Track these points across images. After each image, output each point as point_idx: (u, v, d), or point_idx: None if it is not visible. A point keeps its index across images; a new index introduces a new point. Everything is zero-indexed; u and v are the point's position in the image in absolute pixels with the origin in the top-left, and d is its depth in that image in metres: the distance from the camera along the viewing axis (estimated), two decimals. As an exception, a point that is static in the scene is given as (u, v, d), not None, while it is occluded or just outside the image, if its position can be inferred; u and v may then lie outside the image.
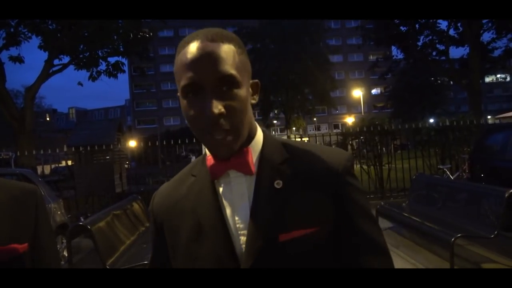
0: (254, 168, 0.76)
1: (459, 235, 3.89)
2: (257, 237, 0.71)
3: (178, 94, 0.74)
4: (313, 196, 0.74)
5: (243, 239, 0.74)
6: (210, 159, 0.78)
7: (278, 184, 0.74)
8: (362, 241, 0.74)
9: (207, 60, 0.69)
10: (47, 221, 1.05)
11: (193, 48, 0.70)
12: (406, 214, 5.19)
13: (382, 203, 6.19)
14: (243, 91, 0.72)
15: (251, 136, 0.78)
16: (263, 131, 0.82)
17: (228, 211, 0.76)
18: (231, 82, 0.70)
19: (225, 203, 0.77)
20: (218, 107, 0.68)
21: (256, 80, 0.80)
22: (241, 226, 0.74)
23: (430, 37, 17.00)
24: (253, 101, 0.79)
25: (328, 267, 0.72)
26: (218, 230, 0.75)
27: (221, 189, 0.78)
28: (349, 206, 0.75)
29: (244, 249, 0.72)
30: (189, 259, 0.77)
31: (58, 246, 5.49)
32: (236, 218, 0.75)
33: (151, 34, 13.44)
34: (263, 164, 0.77)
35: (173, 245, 0.81)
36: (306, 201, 0.73)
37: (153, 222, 0.86)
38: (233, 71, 0.70)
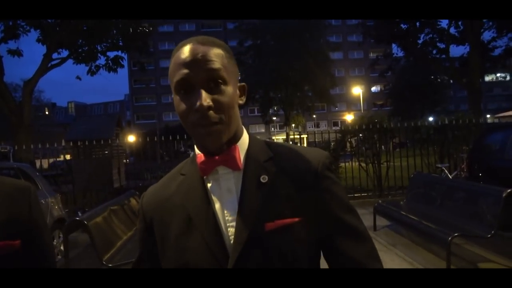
0: (241, 164, 0.82)
1: (456, 234, 3.90)
2: (245, 227, 0.77)
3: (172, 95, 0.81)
4: (296, 189, 0.80)
5: (231, 230, 0.79)
6: (200, 157, 0.83)
7: (263, 178, 0.81)
8: (342, 229, 0.80)
9: (198, 59, 0.76)
10: (41, 218, 1.04)
11: (185, 50, 0.78)
12: (403, 213, 5.20)
13: (380, 201, 6.19)
14: (230, 89, 0.79)
15: (238, 136, 0.84)
16: (248, 133, 0.89)
17: (217, 205, 0.81)
18: (218, 79, 0.77)
19: (214, 198, 0.82)
20: (206, 100, 0.75)
21: (243, 84, 0.87)
22: (230, 218, 0.79)
23: (431, 35, 16.97)
24: (241, 102, 0.85)
25: (308, 254, 0.79)
26: (207, 223, 0.79)
27: (209, 185, 0.83)
28: (327, 198, 0.81)
29: (232, 240, 0.77)
30: (179, 252, 0.80)
31: (55, 240, 5.49)
32: (225, 211, 0.80)
33: (151, 29, 13.39)
34: (250, 161, 0.83)
35: (162, 240, 0.84)
36: (289, 194, 0.80)
37: (142, 220, 0.89)
38: (220, 70, 0.77)
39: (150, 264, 0.87)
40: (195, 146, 0.85)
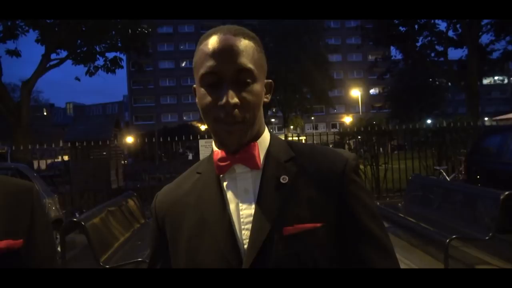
0: (260, 163, 0.77)
1: (454, 236, 3.90)
2: (261, 229, 0.72)
3: (194, 86, 0.77)
4: (318, 193, 0.74)
5: (246, 233, 0.73)
6: (217, 154, 0.78)
7: (284, 179, 0.75)
8: (367, 240, 0.74)
9: (228, 51, 0.71)
10: (43, 218, 1.05)
11: (215, 39, 0.73)
12: (401, 215, 5.20)
13: (378, 204, 6.20)
14: (259, 87, 0.75)
15: (259, 133, 0.79)
16: (269, 131, 0.83)
17: (232, 206, 0.76)
18: (248, 75, 0.72)
19: (229, 198, 0.77)
20: (234, 98, 0.70)
21: (270, 80, 0.82)
22: (245, 220, 0.74)
23: (429, 38, 17.01)
24: (266, 100, 0.80)
25: (330, 264, 0.72)
26: (221, 224, 0.75)
27: (225, 184, 0.79)
28: (354, 204, 0.75)
29: (247, 243, 0.72)
30: (190, 254, 0.76)
31: (52, 241, 5.46)
32: (241, 213, 0.75)
33: (150, 30, 13.37)
34: (270, 160, 0.78)
35: (174, 240, 0.80)
36: (311, 196, 0.74)
37: (154, 219, 0.85)
38: (251, 65, 0.73)
39: (162, 265, 0.83)
40: (212, 143, 0.81)
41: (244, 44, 0.73)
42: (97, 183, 8.39)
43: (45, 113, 52.05)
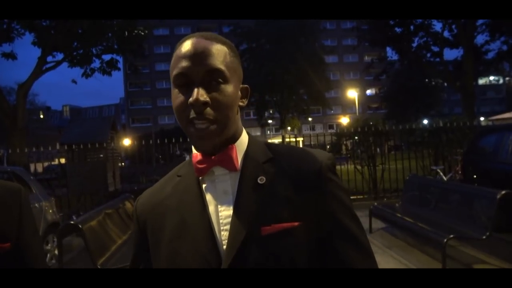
0: (238, 165, 0.78)
1: (451, 236, 3.92)
2: (240, 230, 0.73)
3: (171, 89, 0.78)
4: (296, 192, 0.75)
5: (225, 234, 0.74)
6: (196, 156, 0.79)
7: (261, 180, 0.76)
8: (344, 238, 0.75)
9: (199, 53, 0.74)
10: (31, 221, 1.03)
11: (188, 43, 0.75)
12: (399, 215, 5.21)
13: (375, 204, 6.21)
14: (231, 88, 0.76)
15: (236, 135, 0.80)
16: (248, 133, 0.85)
17: (211, 207, 0.77)
18: (219, 76, 0.74)
19: (209, 200, 0.78)
20: (203, 96, 0.72)
21: (246, 85, 0.84)
22: (224, 221, 0.75)
23: (425, 38, 17.09)
24: (242, 104, 0.81)
25: (309, 262, 0.73)
26: (201, 226, 0.76)
27: (205, 186, 0.80)
28: (331, 203, 0.76)
29: (226, 244, 0.73)
30: (171, 256, 0.77)
31: (49, 245, 5.44)
32: (220, 214, 0.76)
33: (146, 32, 13.35)
34: (248, 162, 0.79)
35: (155, 243, 0.81)
36: (289, 196, 0.75)
37: (136, 222, 0.87)
38: (222, 67, 0.74)
39: (143, 266, 0.84)
40: (192, 146, 0.82)
41: (216, 47, 0.75)
42: (94, 185, 8.36)
43: (41, 116, 51.85)
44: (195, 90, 0.72)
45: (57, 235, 4.76)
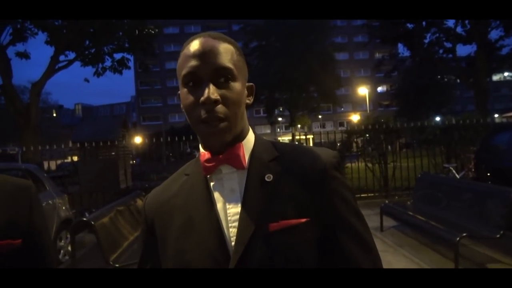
0: (245, 163, 0.79)
1: (463, 234, 3.86)
2: (247, 226, 0.74)
3: (179, 92, 0.79)
4: (302, 190, 0.77)
5: (233, 231, 0.76)
6: (203, 155, 0.81)
7: (268, 177, 0.78)
8: (348, 232, 0.77)
9: (207, 52, 0.75)
10: (41, 217, 1.03)
11: (196, 43, 0.77)
12: (410, 213, 5.16)
13: (387, 202, 6.16)
14: (239, 86, 0.77)
15: (243, 134, 0.82)
16: (254, 133, 0.86)
17: (219, 205, 0.79)
18: (227, 74, 0.75)
19: (216, 197, 0.80)
20: (214, 94, 0.73)
21: (251, 84, 0.85)
22: (232, 218, 0.77)
23: (437, 34, 16.86)
24: (248, 102, 0.83)
25: (314, 258, 0.75)
26: (208, 223, 0.77)
27: (212, 184, 0.81)
28: (335, 200, 0.78)
29: (234, 240, 0.75)
30: (179, 253, 0.78)
31: (62, 241, 5.52)
32: (228, 211, 0.77)
33: (156, 30, 13.44)
34: (254, 160, 0.81)
35: (163, 241, 0.82)
36: (295, 193, 0.76)
37: (144, 221, 0.88)
38: (230, 64, 0.76)
39: (151, 266, 0.85)
40: (200, 145, 0.83)
41: (223, 46, 0.77)
42: (106, 183, 8.45)
43: (54, 114, 52.58)
44: (206, 88, 0.73)
45: (70, 232, 4.83)
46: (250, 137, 0.83)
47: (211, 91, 0.73)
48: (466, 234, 3.92)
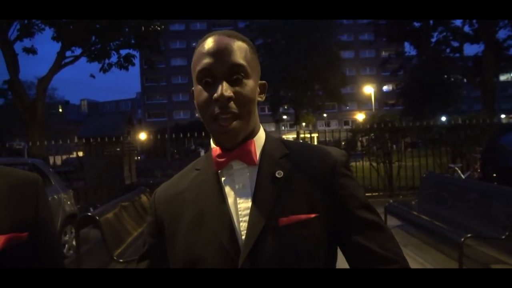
0: (257, 159, 0.81)
1: (469, 235, 3.84)
2: (258, 220, 0.75)
3: (192, 89, 0.81)
4: (311, 186, 0.79)
5: (244, 225, 0.77)
6: (215, 150, 0.82)
7: (279, 174, 0.79)
8: (359, 225, 0.78)
9: (222, 50, 0.76)
10: (48, 211, 1.03)
11: (210, 40, 0.78)
12: (415, 213, 5.14)
13: (391, 201, 6.13)
14: (252, 83, 0.79)
15: (255, 131, 0.84)
16: (264, 130, 0.88)
17: (230, 199, 0.80)
18: (241, 71, 0.77)
19: (227, 192, 0.81)
20: (227, 91, 0.74)
21: (264, 81, 0.87)
22: (243, 213, 0.78)
23: (444, 33, 16.73)
24: (260, 99, 0.85)
25: (323, 253, 0.77)
26: (220, 217, 0.78)
27: (223, 179, 0.82)
28: (345, 195, 0.79)
29: (245, 234, 0.76)
30: (189, 246, 0.78)
31: (67, 236, 5.56)
32: (239, 206, 0.79)
33: (162, 27, 13.46)
34: (265, 157, 0.82)
35: (172, 235, 0.82)
36: (305, 190, 0.78)
37: (153, 214, 0.88)
38: (244, 62, 0.77)
39: (155, 258, 0.85)
40: (211, 140, 0.84)
41: (237, 44, 0.78)
42: (111, 178, 8.51)
43: (60, 110, 52.88)
44: (220, 85, 0.74)
45: (75, 226, 4.86)
46: (261, 134, 0.85)
47: (225, 88, 0.74)
48: (471, 234, 3.89)
